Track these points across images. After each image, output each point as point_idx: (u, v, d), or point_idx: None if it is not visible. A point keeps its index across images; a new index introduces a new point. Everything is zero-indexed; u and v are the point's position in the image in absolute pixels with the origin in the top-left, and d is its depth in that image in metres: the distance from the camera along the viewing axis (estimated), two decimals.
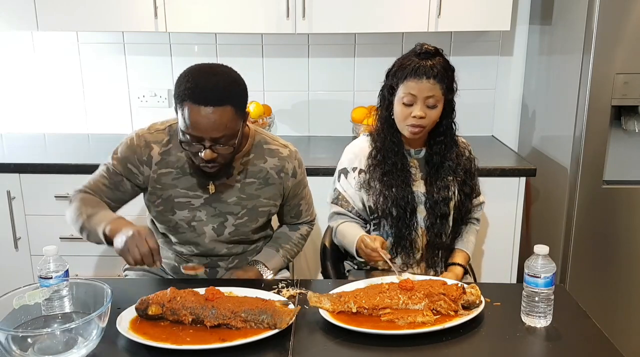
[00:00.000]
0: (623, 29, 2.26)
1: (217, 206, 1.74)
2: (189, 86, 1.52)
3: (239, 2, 2.51)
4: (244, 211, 1.76)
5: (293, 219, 1.94)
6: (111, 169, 1.72)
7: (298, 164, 1.83)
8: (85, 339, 1.27)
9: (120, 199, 1.76)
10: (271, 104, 2.96)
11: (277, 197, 1.81)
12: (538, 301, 1.41)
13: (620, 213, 2.45)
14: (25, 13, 2.53)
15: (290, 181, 1.81)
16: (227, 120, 1.53)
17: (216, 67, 1.59)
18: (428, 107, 1.77)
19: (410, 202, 1.83)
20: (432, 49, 1.79)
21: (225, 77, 1.56)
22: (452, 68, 1.81)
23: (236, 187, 1.74)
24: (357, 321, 1.41)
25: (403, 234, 1.84)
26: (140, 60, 2.97)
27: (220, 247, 1.79)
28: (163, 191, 1.72)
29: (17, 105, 3.05)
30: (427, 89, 1.75)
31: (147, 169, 1.71)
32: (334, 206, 1.93)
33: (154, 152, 1.70)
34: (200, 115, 1.50)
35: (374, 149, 1.88)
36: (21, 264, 2.59)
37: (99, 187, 1.72)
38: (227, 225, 1.76)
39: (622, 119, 2.41)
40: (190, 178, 1.71)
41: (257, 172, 1.76)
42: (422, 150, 1.90)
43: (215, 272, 1.83)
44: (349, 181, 1.90)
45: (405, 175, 1.85)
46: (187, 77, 1.55)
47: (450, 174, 1.87)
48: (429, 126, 1.81)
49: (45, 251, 1.43)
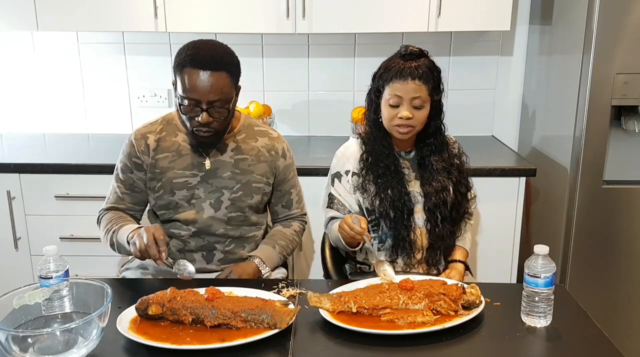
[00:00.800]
0: (623, 29, 2.26)
1: (213, 181, 1.83)
2: (189, 53, 1.67)
3: (239, 2, 2.52)
4: (239, 185, 1.84)
5: (284, 209, 1.98)
6: (122, 174, 1.85)
7: (287, 148, 1.95)
8: (85, 339, 1.27)
9: (140, 200, 1.88)
10: (271, 104, 2.96)
11: (269, 175, 1.89)
12: (538, 301, 1.41)
13: (620, 213, 2.45)
14: (25, 13, 2.53)
15: (281, 161, 1.91)
16: (223, 85, 1.67)
17: (213, 41, 1.77)
18: (414, 108, 1.78)
19: (407, 202, 1.83)
20: (416, 50, 1.81)
21: (223, 48, 1.74)
22: (438, 69, 1.82)
23: (230, 163, 1.84)
24: (357, 321, 1.41)
25: (402, 235, 1.84)
26: (140, 60, 2.97)
27: (218, 226, 1.84)
28: (162, 174, 1.82)
29: (17, 105, 3.05)
30: (412, 89, 1.76)
31: (147, 157, 1.83)
32: (330, 211, 1.92)
33: (149, 141, 1.83)
34: (199, 79, 1.65)
35: (365, 152, 1.89)
36: (21, 264, 2.59)
37: (117, 196, 1.87)
38: (223, 199, 1.83)
39: (622, 119, 2.41)
40: (186, 158, 1.82)
41: (250, 150, 1.87)
42: (411, 151, 1.91)
43: (212, 256, 1.86)
44: (342, 184, 1.90)
45: (400, 176, 1.85)
46: (187, 47, 1.71)
47: (444, 175, 1.87)
48: (417, 127, 1.82)
49: (45, 251, 1.43)
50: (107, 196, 1.89)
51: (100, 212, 1.88)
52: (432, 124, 1.86)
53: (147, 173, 1.83)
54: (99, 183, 2.36)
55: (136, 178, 1.84)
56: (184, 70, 1.66)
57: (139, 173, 1.83)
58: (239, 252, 1.88)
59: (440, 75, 1.83)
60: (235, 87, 1.73)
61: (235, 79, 1.72)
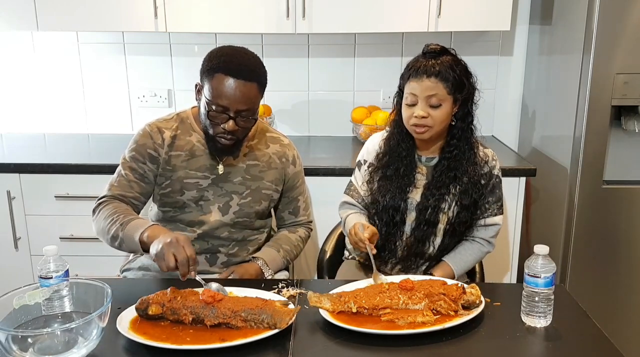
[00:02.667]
0: (623, 29, 2.26)
1: (223, 185, 1.82)
2: (223, 59, 1.67)
3: (239, 2, 2.51)
4: (248, 191, 1.84)
5: (291, 216, 1.97)
6: (132, 162, 1.80)
7: (297, 155, 1.95)
8: (85, 339, 1.26)
9: (147, 192, 1.83)
10: (271, 104, 2.96)
11: (278, 182, 1.89)
12: (538, 301, 1.41)
13: (620, 213, 2.45)
14: (25, 13, 2.53)
15: (291, 169, 1.91)
16: (253, 95, 1.68)
17: (245, 49, 1.75)
18: (431, 107, 1.72)
19: (401, 211, 1.81)
20: (436, 48, 1.76)
21: (255, 58, 1.73)
22: (462, 66, 1.75)
23: (242, 168, 1.83)
24: (357, 321, 1.41)
25: (391, 236, 1.84)
26: (140, 60, 2.97)
27: (223, 229, 1.83)
28: (173, 173, 1.80)
29: (17, 105, 3.05)
30: (427, 87, 1.71)
31: (162, 151, 1.81)
32: (345, 196, 1.95)
33: (165, 136, 1.81)
34: (232, 86, 1.64)
35: (382, 151, 1.87)
36: (21, 264, 2.59)
37: (124, 184, 1.79)
38: (232, 204, 1.83)
39: (622, 119, 2.41)
40: (199, 159, 1.81)
41: (261, 156, 1.87)
42: (434, 158, 1.83)
43: (216, 258, 1.86)
44: (361, 172, 1.91)
45: (405, 182, 1.81)
46: (221, 52, 1.70)
47: (452, 181, 1.79)
48: (435, 127, 1.75)
49: (45, 251, 1.43)
50: (110, 184, 1.80)
51: (102, 200, 1.76)
52: (457, 125, 1.77)
53: (159, 168, 1.80)
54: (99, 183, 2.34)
55: (147, 169, 1.80)
56: (216, 76, 1.65)
57: (151, 165, 1.80)
58: (242, 255, 1.87)
59: (467, 73, 1.76)
60: (261, 97, 1.73)
61: (263, 90, 1.73)
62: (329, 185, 2.37)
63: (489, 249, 1.90)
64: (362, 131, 2.82)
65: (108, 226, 1.68)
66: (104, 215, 1.71)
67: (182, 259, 1.47)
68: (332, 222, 2.20)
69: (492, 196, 1.85)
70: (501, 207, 1.88)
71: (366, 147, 1.94)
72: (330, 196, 2.13)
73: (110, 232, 1.67)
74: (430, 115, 1.73)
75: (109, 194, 1.78)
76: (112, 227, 1.66)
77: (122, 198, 1.78)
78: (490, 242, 1.89)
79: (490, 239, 1.89)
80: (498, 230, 1.89)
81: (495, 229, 1.88)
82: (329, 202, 2.11)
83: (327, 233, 2.20)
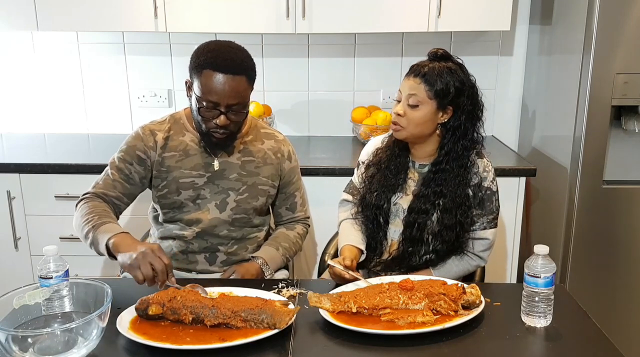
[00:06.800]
0: (623, 29, 2.26)
1: (219, 182, 1.83)
2: (210, 56, 1.66)
3: (239, 2, 2.51)
4: (245, 187, 1.84)
5: (288, 212, 1.98)
6: (120, 163, 1.81)
7: (292, 150, 1.96)
8: (85, 339, 1.27)
9: (130, 193, 1.83)
10: (271, 104, 2.96)
11: (275, 178, 1.90)
12: (538, 301, 1.41)
13: (620, 213, 2.45)
14: (25, 13, 2.53)
15: (286, 164, 1.92)
16: (242, 89, 1.68)
17: (231, 43, 1.75)
18: (409, 106, 1.69)
19: (385, 212, 1.79)
20: (435, 52, 1.74)
21: (242, 51, 1.73)
22: (458, 77, 1.69)
23: (237, 164, 1.84)
24: (357, 321, 1.41)
25: (375, 234, 1.82)
26: (140, 60, 2.97)
27: (222, 227, 1.84)
28: (168, 173, 1.81)
29: (17, 105, 3.05)
30: (410, 86, 1.70)
31: (154, 153, 1.81)
32: (344, 194, 1.96)
33: (158, 138, 1.82)
34: (220, 81, 1.65)
35: (378, 149, 1.88)
36: (21, 264, 2.59)
37: (108, 183, 1.79)
38: (229, 201, 1.83)
39: (622, 119, 2.41)
40: (193, 158, 1.81)
41: (256, 152, 1.87)
42: (426, 166, 1.79)
43: (215, 257, 1.86)
44: (359, 172, 1.92)
45: (393, 183, 1.78)
46: (206, 48, 1.70)
47: (438, 197, 1.72)
48: (410, 128, 1.70)
49: (45, 251, 1.43)
50: (95, 181, 1.81)
51: (84, 197, 1.77)
52: (446, 141, 1.71)
53: (152, 171, 1.81)
54: None
55: (134, 171, 1.80)
56: (204, 72, 1.65)
57: (139, 167, 1.81)
58: (241, 254, 1.88)
59: (462, 84, 1.69)
60: (251, 90, 1.74)
61: (252, 82, 1.74)
62: (329, 185, 2.37)
63: (479, 263, 1.82)
64: (362, 131, 2.82)
65: (82, 225, 1.67)
66: (82, 212, 1.70)
67: (160, 267, 1.45)
68: (332, 223, 2.18)
69: (482, 209, 1.76)
70: (493, 220, 1.78)
71: (366, 149, 1.95)
72: (330, 196, 2.13)
73: (83, 230, 1.66)
74: (407, 114, 1.70)
75: (91, 191, 1.78)
76: (86, 227, 1.65)
77: (103, 197, 1.78)
78: (480, 256, 1.80)
79: (481, 253, 1.80)
80: (489, 244, 1.79)
81: (484, 243, 1.78)
82: (329, 202, 2.12)
83: (326, 233, 2.20)
